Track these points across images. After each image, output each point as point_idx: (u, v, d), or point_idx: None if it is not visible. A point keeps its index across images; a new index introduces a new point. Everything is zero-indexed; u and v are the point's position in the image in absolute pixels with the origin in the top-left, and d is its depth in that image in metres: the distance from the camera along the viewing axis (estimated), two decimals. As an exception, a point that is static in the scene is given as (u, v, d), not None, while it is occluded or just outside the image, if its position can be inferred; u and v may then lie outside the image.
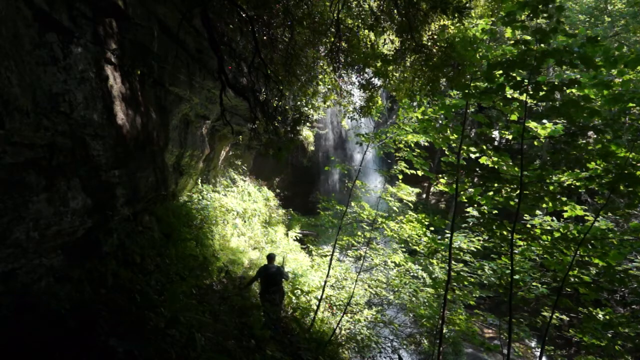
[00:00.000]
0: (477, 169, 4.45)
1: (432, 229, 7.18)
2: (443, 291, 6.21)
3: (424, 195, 20.79)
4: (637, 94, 3.68)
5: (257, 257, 9.96)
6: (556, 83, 3.63)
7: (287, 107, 8.54)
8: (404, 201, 7.99)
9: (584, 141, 4.14)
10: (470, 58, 4.73)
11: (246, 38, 6.81)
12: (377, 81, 7.64)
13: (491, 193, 4.50)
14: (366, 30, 7.02)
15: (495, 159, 4.65)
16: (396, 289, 8.67)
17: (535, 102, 3.90)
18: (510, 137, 4.82)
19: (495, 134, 12.23)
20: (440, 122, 5.83)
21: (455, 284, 6.61)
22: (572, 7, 15.99)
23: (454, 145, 5.52)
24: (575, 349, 10.63)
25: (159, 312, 4.49)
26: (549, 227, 4.86)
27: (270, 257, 7.33)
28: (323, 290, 7.54)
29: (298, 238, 14.01)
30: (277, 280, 6.96)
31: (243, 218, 11.85)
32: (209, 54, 6.37)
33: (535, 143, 5.13)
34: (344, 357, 7.26)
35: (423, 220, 7.26)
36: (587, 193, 12.63)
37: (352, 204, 8.16)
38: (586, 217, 4.86)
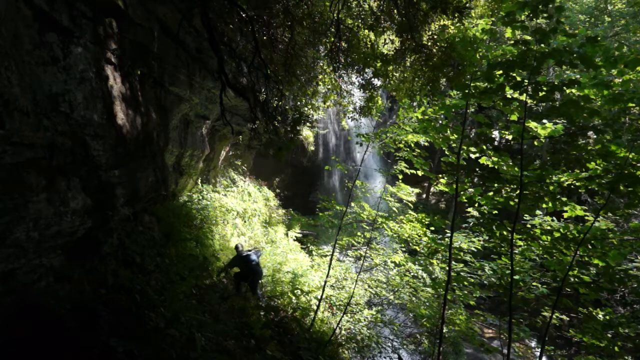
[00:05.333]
0: (477, 169, 4.45)
1: (432, 229, 7.17)
2: (443, 291, 6.20)
3: (424, 195, 20.79)
4: (637, 94, 3.67)
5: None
6: (556, 83, 3.63)
7: (287, 107, 8.55)
8: (404, 201, 7.98)
9: (584, 141, 4.14)
10: (470, 58, 4.72)
11: (246, 38, 6.81)
12: (377, 81, 7.64)
13: (491, 193, 4.50)
14: (366, 30, 7.02)
15: (495, 159, 4.64)
16: (396, 289, 8.66)
17: (535, 102, 3.89)
18: (510, 137, 4.81)
19: (495, 134, 12.23)
20: (440, 122, 5.82)
21: (455, 284, 6.61)
22: (572, 7, 15.98)
23: (454, 145, 5.52)
24: (575, 349, 10.63)
25: (159, 312, 4.49)
26: (549, 227, 4.85)
27: (238, 247, 7.92)
28: (323, 290, 7.54)
29: (298, 238, 14.00)
30: (259, 270, 7.46)
31: (243, 218, 11.84)
32: (209, 54, 6.37)
33: (535, 143, 5.12)
34: (344, 357, 7.26)
35: (423, 220, 7.25)
36: (587, 193, 12.63)
37: (352, 204, 8.16)
38: (586, 217, 4.85)
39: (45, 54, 3.29)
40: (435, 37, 6.04)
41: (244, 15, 5.68)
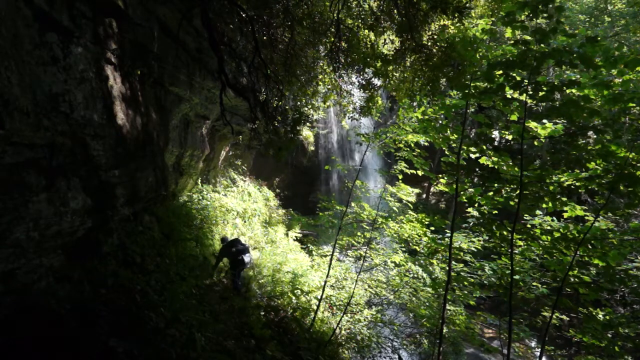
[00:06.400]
0: (477, 169, 4.45)
1: (432, 229, 7.17)
2: (443, 291, 6.20)
3: (424, 195, 20.79)
4: (637, 94, 3.67)
5: (257, 257, 9.96)
6: (556, 83, 3.63)
7: (287, 107, 8.54)
8: (404, 201, 7.98)
9: (584, 141, 4.14)
10: (470, 58, 4.72)
11: (246, 38, 6.81)
12: (377, 81, 7.63)
13: (491, 193, 4.50)
14: (366, 30, 7.02)
15: (495, 159, 4.64)
16: (396, 289, 8.66)
17: (535, 102, 3.90)
18: (510, 137, 4.82)
19: (495, 134, 12.22)
20: (440, 122, 5.82)
21: (455, 284, 6.61)
22: (572, 7, 15.98)
23: (454, 145, 5.52)
24: (575, 349, 10.63)
25: (159, 312, 4.49)
26: (549, 227, 4.85)
27: (225, 238, 8.13)
28: (323, 290, 7.54)
29: (298, 238, 14.00)
30: (243, 261, 7.56)
31: (243, 218, 11.84)
32: (209, 54, 6.37)
33: (535, 143, 5.12)
34: (344, 357, 7.25)
35: (423, 220, 7.25)
36: (587, 193, 12.62)
37: (352, 204, 8.16)
38: (586, 217, 4.85)
39: (45, 54, 3.28)
40: (435, 37, 6.04)
41: (244, 15, 5.68)
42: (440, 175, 6.41)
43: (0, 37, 2.74)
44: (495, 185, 4.34)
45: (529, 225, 4.99)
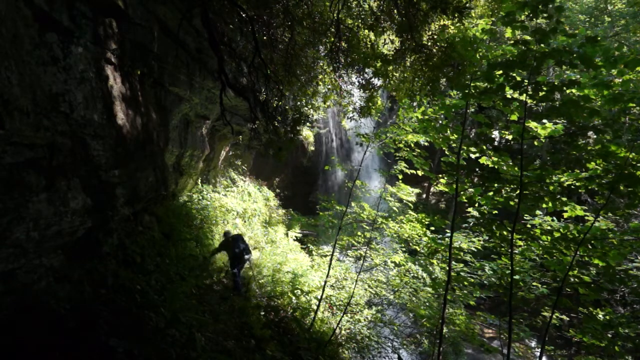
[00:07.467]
0: (477, 169, 4.45)
1: (432, 229, 7.17)
2: (443, 291, 6.20)
3: (424, 195, 20.78)
4: (637, 94, 3.67)
5: (257, 257, 9.96)
6: (556, 83, 3.63)
7: (287, 107, 8.55)
8: (404, 201, 7.98)
9: (584, 141, 4.13)
10: (470, 58, 4.72)
11: (246, 38, 6.81)
12: (377, 81, 7.63)
13: (491, 193, 4.50)
14: (366, 30, 7.02)
15: (495, 159, 4.64)
16: (396, 289, 8.66)
17: (535, 102, 3.90)
18: (510, 137, 4.82)
19: (495, 134, 12.22)
20: (440, 122, 5.82)
21: (455, 284, 6.61)
22: (572, 7, 15.98)
23: (454, 145, 5.52)
24: (575, 349, 10.63)
25: (159, 312, 4.49)
26: (549, 227, 4.85)
27: (227, 233, 8.18)
28: (323, 290, 7.54)
29: (298, 238, 14.00)
30: (243, 259, 7.77)
31: (243, 218, 11.84)
32: (209, 54, 6.37)
33: (535, 143, 5.12)
34: (344, 357, 7.25)
35: (423, 220, 7.25)
36: (587, 193, 12.62)
37: (352, 204, 8.16)
38: (586, 217, 4.85)
39: (45, 54, 3.29)
40: (435, 37, 6.04)
41: (244, 15, 5.68)
42: (440, 175, 6.41)
43: (0, 37, 2.74)
44: (495, 185, 4.34)
45: (529, 225, 4.98)
